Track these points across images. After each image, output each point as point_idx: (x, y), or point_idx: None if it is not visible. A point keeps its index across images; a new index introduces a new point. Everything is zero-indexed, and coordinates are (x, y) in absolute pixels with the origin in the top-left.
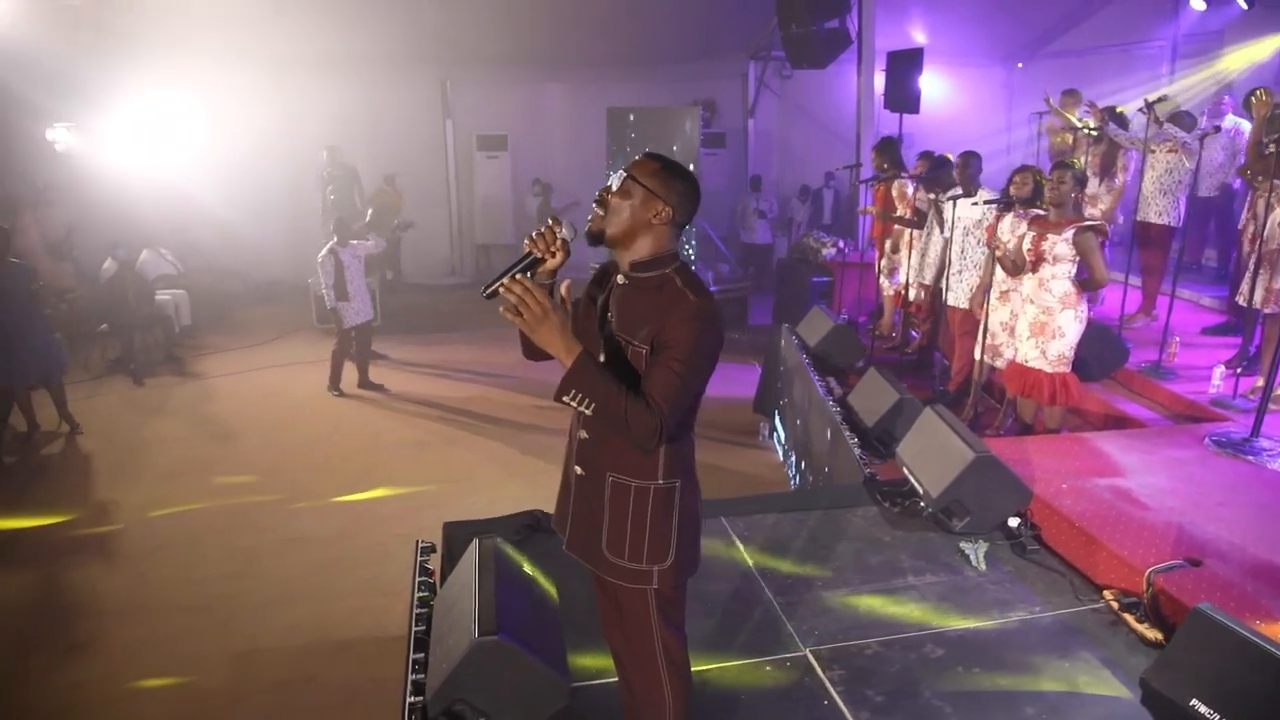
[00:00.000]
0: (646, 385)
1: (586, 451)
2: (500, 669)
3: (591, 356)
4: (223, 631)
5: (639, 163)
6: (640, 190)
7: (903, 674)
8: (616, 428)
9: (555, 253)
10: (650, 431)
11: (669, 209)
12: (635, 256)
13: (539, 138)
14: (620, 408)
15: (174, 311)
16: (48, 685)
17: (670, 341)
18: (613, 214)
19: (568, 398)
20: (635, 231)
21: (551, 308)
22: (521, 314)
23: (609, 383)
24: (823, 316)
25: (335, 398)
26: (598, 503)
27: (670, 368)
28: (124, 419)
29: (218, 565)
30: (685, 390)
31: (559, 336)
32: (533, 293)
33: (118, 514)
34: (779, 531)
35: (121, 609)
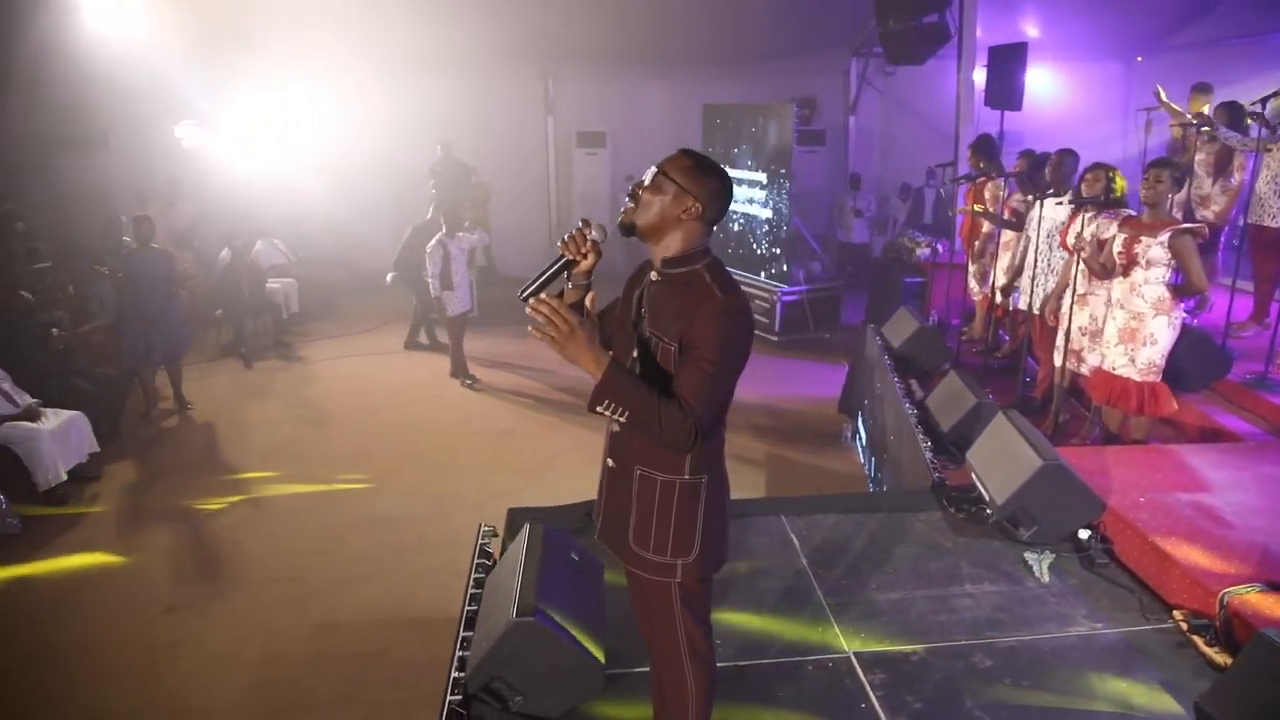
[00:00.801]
0: (677, 386)
1: (617, 444)
2: (536, 650)
3: (620, 366)
4: (306, 603)
5: (671, 158)
6: (672, 186)
7: (946, 683)
8: (650, 433)
9: (587, 254)
10: (684, 434)
11: (699, 205)
12: (666, 253)
13: (637, 135)
14: (653, 414)
15: (283, 299)
16: (146, 644)
17: (698, 340)
18: (643, 208)
19: (601, 407)
20: (665, 226)
21: (577, 324)
22: (549, 332)
23: (640, 390)
24: (908, 317)
25: (465, 387)
26: (626, 495)
27: (700, 368)
28: (232, 400)
29: (307, 541)
30: (716, 389)
31: (587, 350)
32: (559, 311)
33: (219, 489)
34: (838, 532)
35: (217, 577)
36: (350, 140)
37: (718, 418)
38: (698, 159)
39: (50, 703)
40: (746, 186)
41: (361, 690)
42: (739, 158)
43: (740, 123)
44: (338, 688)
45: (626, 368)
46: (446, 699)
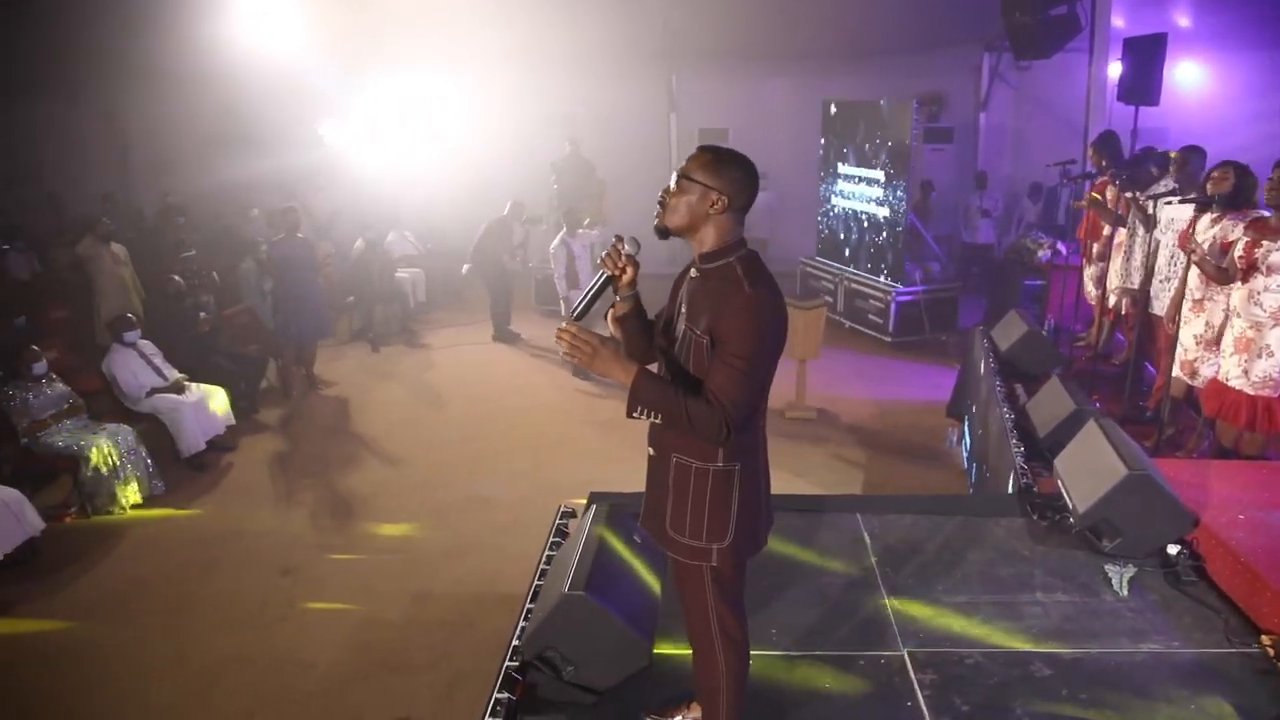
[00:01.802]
0: (708, 382)
1: (656, 433)
2: (585, 624)
3: (648, 373)
4: (406, 573)
5: (691, 158)
6: (695, 186)
7: (999, 688)
8: (683, 430)
9: (626, 269)
10: (715, 428)
11: (724, 198)
12: (703, 248)
13: (759, 131)
14: (682, 412)
15: (411, 288)
16: (263, 600)
17: (726, 334)
18: (671, 211)
19: (636, 414)
20: (696, 224)
21: (599, 343)
22: (575, 357)
23: (667, 392)
24: (1018, 320)
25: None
26: (664, 481)
27: (729, 363)
28: (358, 381)
29: (413, 514)
30: (745, 384)
31: (614, 364)
32: (579, 336)
33: (340, 464)
34: (912, 533)
35: (329, 545)
36: (479, 136)
37: (750, 409)
38: (717, 153)
39: (183, 649)
40: (865, 184)
41: (448, 657)
42: (856, 155)
43: (859, 119)
44: (427, 653)
45: (654, 374)
46: (504, 664)
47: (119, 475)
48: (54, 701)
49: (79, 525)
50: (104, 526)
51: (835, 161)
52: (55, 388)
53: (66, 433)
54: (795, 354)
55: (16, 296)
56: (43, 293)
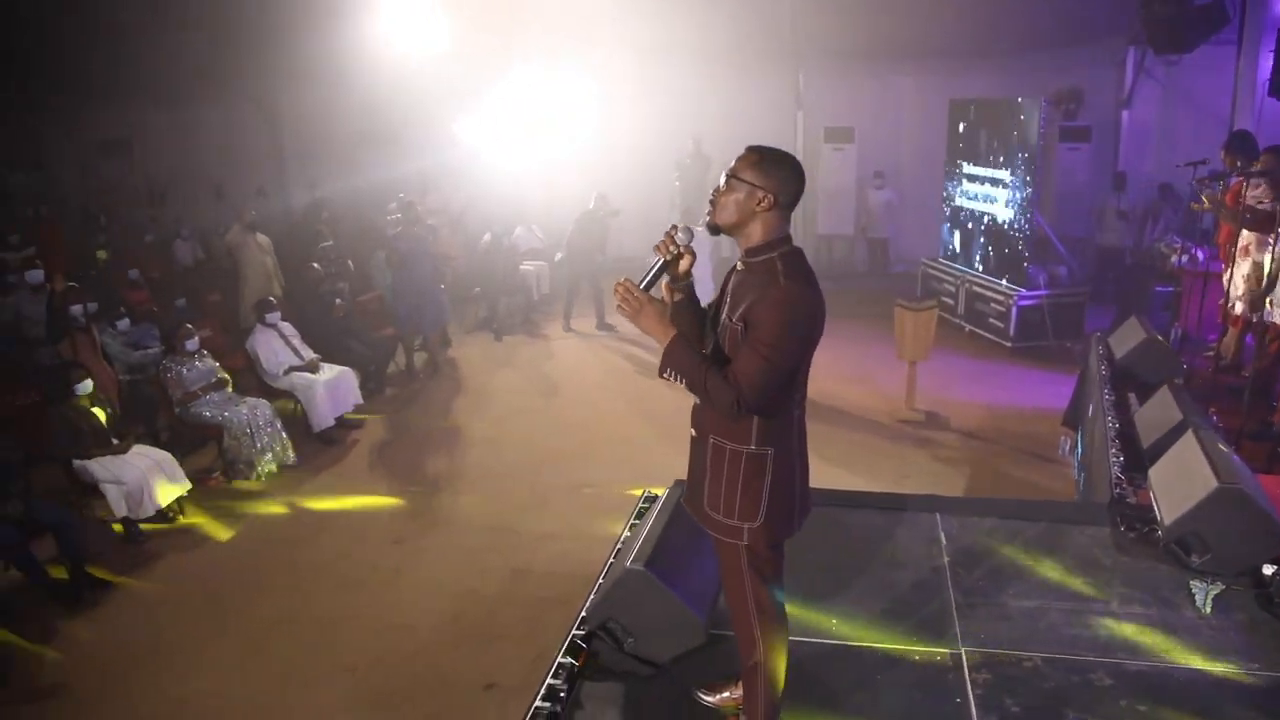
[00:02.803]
0: (733, 363)
1: (697, 416)
2: (644, 598)
3: (683, 339)
4: (508, 550)
5: (740, 158)
6: (743, 185)
7: (1054, 692)
8: (703, 399)
9: (681, 254)
10: (728, 404)
11: (770, 195)
12: (749, 243)
13: (885, 130)
14: (703, 382)
15: (535, 281)
16: (373, 566)
17: (756, 323)
18: (720, 209)
19: (665, 374)
20: (743, 221)
21: (647, 301)
22: (624, 308)
23: (695, 361)
24: (1137, 327)
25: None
26: (703, 462)
27: (754, 349)
28: (479, 368)
29: (518, 497)
30: (767, 370)
31: (656, 324)
32: (632, 291)
33: (457, 445)
34: (990, 536)
35: (439, 520)
36: (605, 133)
37: (767, 395)
38: (763, 153)
39: (299, 605)
40: (989, 184)
41: (540, 631)
42: (982, 154)
43: (985, 117)
44: (519, 626)
45: (688, 341)
46: (571, 632)
47: (257, 445)
48: (184, 645)
49: (221, 488)
50: (242, 490)
51: (960, 160)
52: (205, 363)
53: (213, 404)
54: (905, 355)
55: (180, 280)
56: (203, 278)
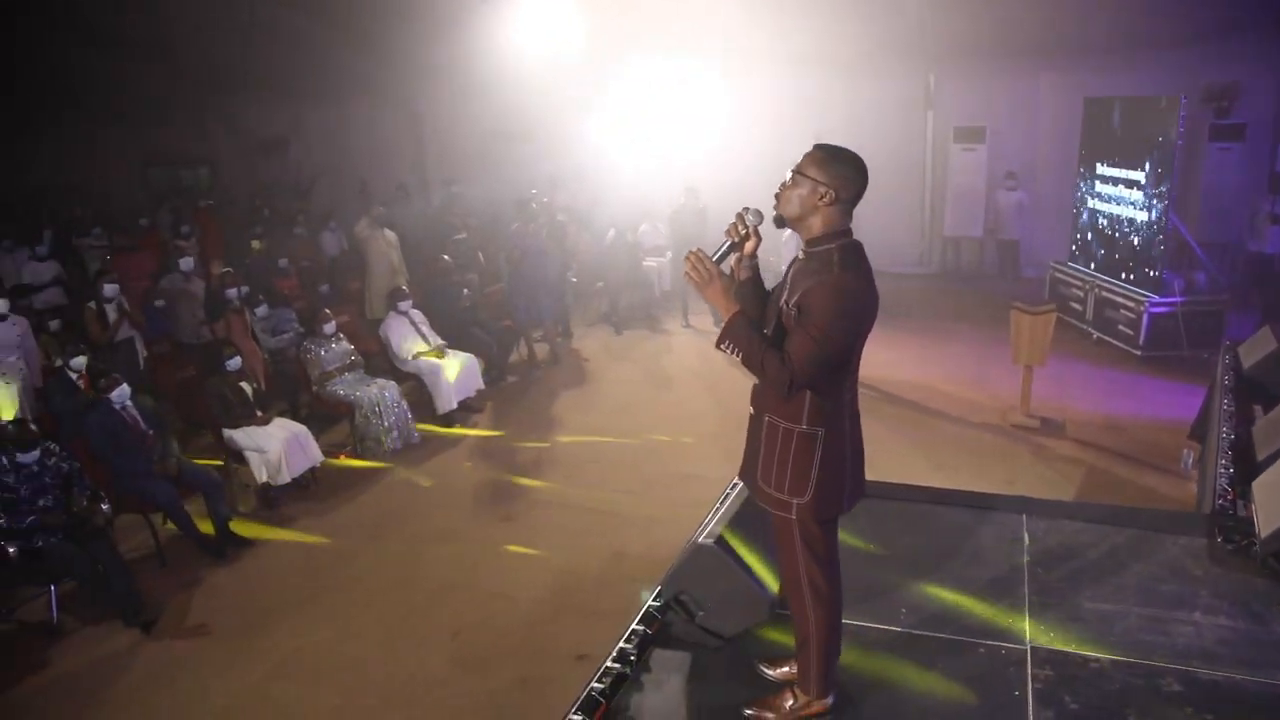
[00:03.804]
0: (786, 344)
1: (756, 395)
2: (712, 572)
3: (745, 316)
4: (610, 532)
5: (806, 154)
6: (806, 180)
7: (1116, 694)
8: (756, 374)
9: (749, 237)
10: (782, 382)
11: (832, 191)
12: (809, 234)
13: (1019, 130)
14: (759, 358)
15: (657, 277)
16: (484, 539)
17: (809, 307)
18: (785, 202)
19: (723, 346)
20: (805, 214)
21: (717, 273)
22: (694, 276)
23: (754, 338)
24: (1269, 337)
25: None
26: (758, 438)
27: (807, 331)
28: (598, 360)
29: (624, 483)
30: (818, 352)
31: (721, 297)
32: (703, 261)
33: (572, 431)
34: (1077, 539)
35: (548, 500)
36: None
37: (830, 379)
38: (828, 150)
39: (413, 572)
40: (1123, 186)
41: (634, 609)
42: (1118, 154)
43: (1121, 115)
44: (614, 603)
45: (749, 319)
46: (648, 602)
47: (384, 423)
48: (308, 599)
49: (350, 462)
50: (368, 465)
51: (1094, 161)
52: (341, 345)
53: (346, 384)
54: (1020, 359)
55: (325, 269)
56: (346, 267)
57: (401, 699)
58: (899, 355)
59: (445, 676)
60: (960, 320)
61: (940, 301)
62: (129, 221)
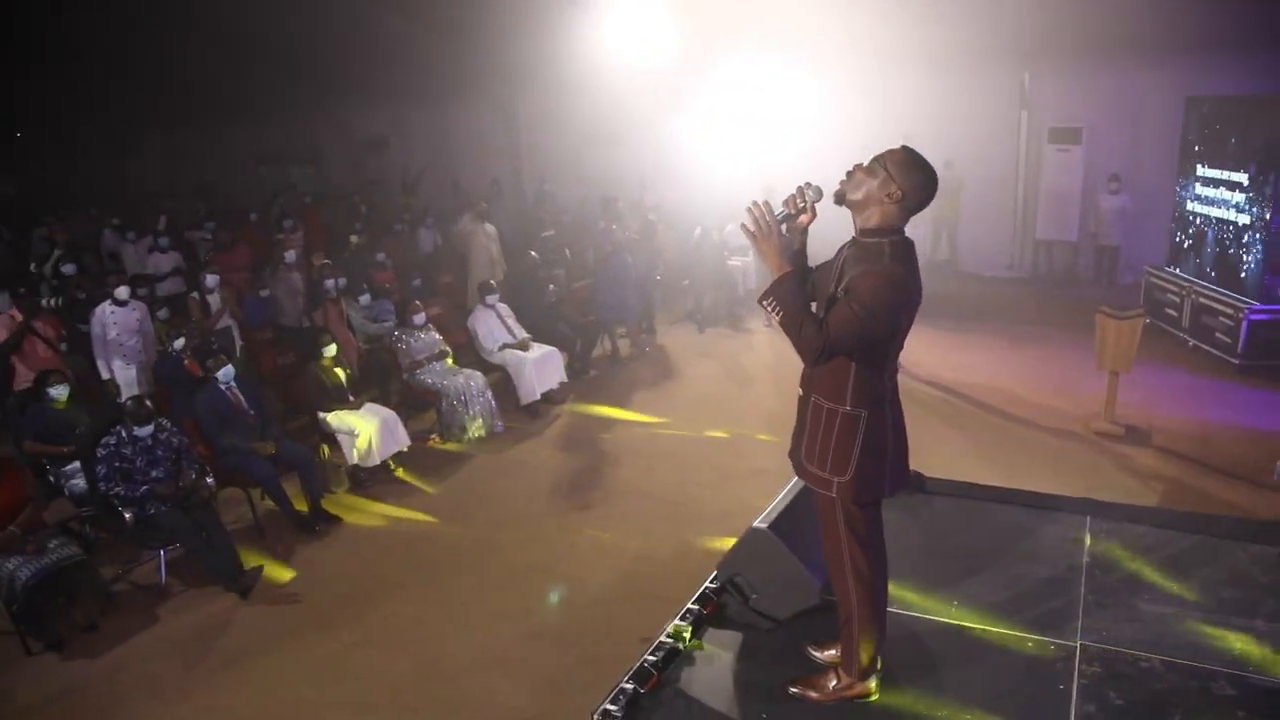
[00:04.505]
0: (827, 314)
1: (805, 377)
2: (765, 556)
3: (796, 276)
4: (682, 523)
5: (890, 150)
6: (883, 172)
7: (1164, 694)
8: (792, 335)
9: (805, 211)
10: (815, 347)
11: (901, 192)
12: (865, 224)
13: (1117, 130)
14: (798, 320)
15: (741, 276)
16: (561, 525)
17: (855, 288)
18: (855, 184)
19: (765, 302)
20: (868, 203)
21: (777, 230)
22: (753, 227)
23: (799, 300)
24: None
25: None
26: (804, 418)
27: (849, 306)
28: (681, 357)
29: (700, 476)
30: (856, 327)
31: (776, 254)
32: (766, 216)
33: (650, 423)
34: (1140, 543)
35: (624, 490)
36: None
37: (871, 364)
38: (912, 156)
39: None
40: (1225, 188)
41: None
42: (1220, 155)
43: (1226, 115)
44: (684, 589)
45: (800, 281)
46: (705, 585)
47: (469, 412)
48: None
49: (435, 448)
50: (453, 451)
51: (1195, 162)
52: (430, 336)
53: (434, 373)
54: (1105, 365)
55: (420, 264)
56: (439, 262)
57: (474, 670)
58: (979, 359)
59: (516, 651)
60: (1047, 325)
61: (1028, 306)
62: (240, 216)
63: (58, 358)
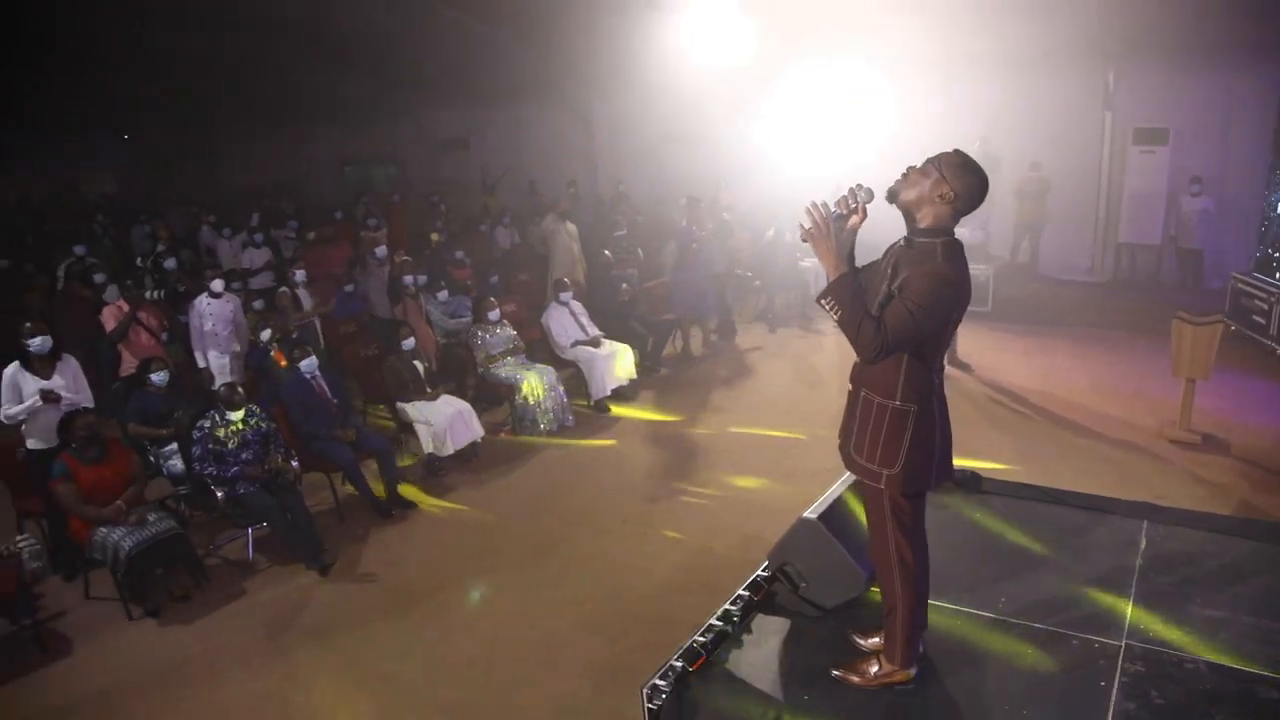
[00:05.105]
0: (882, 312)
1: (856, 373)
2: (814, 546)
3: (854, 276)
4: (745, 518)
5: (945, 154)
6: (936, 174)
7: (1206, 695)
8: (850, 333)
9: (856, 212)
10: (872, 345)
11: (953, 193)
12: (918, 225)
13: (1205, 131)
14: (857, 319)
15: (813, 277)
16: (625, 516)
17: (908, 287)
18: (909, 185)
19: (823, 301)
20: (921, 203)
21: (834, 232)
22: (811, 229)
23: (857, 300)
24: None
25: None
26: (854, 412)
27: (904, 304)
28: (750, 356)
29: (765, 473)
30: (912, 325)
31: (833, 254)
32: (825, 218)
33: (717, 421)
34: (1196, 548)
35: (690, 485)
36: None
37: (923, 360)
38: (964, 159)
39: (556, 542)
40: None
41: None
42: None
43: None
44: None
45: (856, 280)
46: (757, 572)
47: (541, 406)
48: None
49: (508, 440)
50: (525, 444)
51: None
52: (505, 331)
53: (509, 367)
54: (1181, 371)
55: (497, 262)
56: (516, 260)
57: (535, 651)
58: (1054, 362)
59: (575, 636)
60: (1126, 331)
61: (1108, 311)
62: (325, 215)
63: (159, 346)
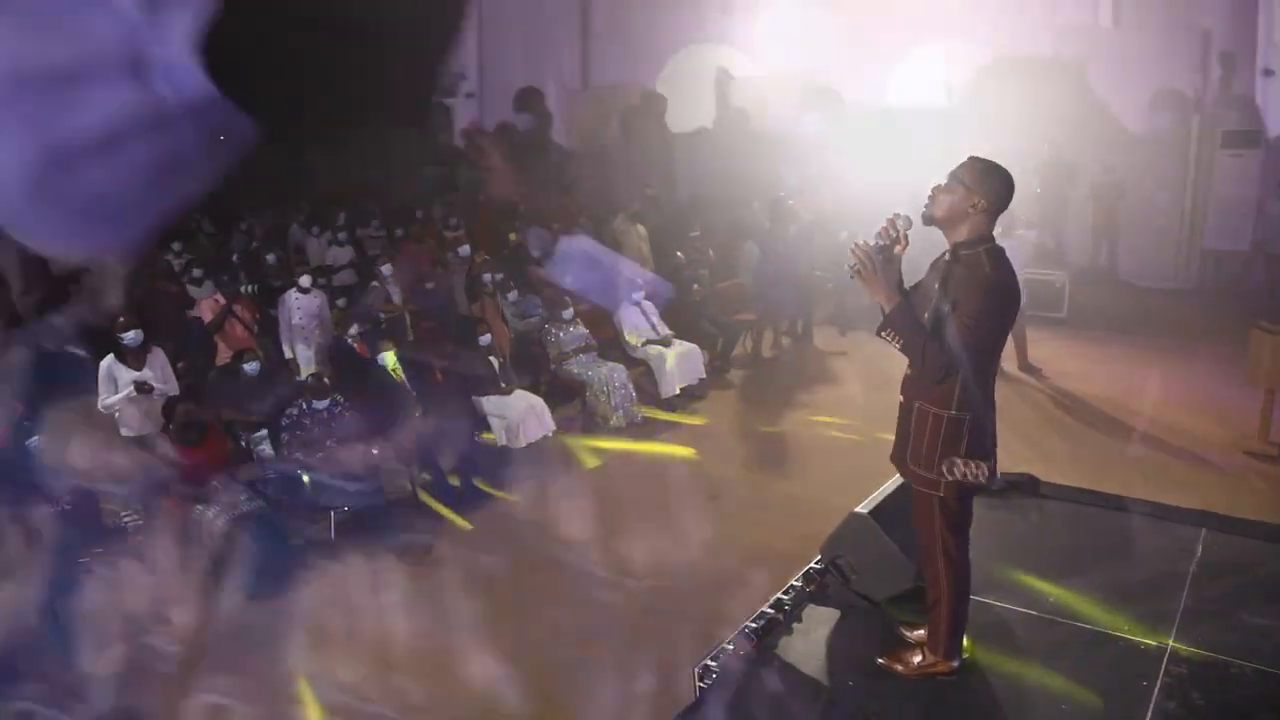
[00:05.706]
0: (942, 333)
1: (907, 385)
2: (865, 540)
3: (908, 304)
4: (804, 517)
5: (963, 164)
6: (960, 187)
7: (1250, 699)
8: (915, 359)
9: (899, 241)
10: (938, 366)
11: (984, 200)
12: (957, 238)
13: None
14: (920, 344)
15: None
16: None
17: (963, 301)
18: (937, 204)
19: (884, 333)
20: (955, 218)
21: (880, 266)
22: (859, 269)
23: (916, 326)
24: None
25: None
26: (908, 423)
27: (961, 320)
28: (820, 358)
29: (827, 474)
30: (972, 341)
31: (883, 289)
32: (870, 255)
33: (784, 421)
34: (1253, 557)
35: (753, 483)
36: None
37: (978, 369)
38: (984, 164)
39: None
40: None
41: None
42: None
43: None
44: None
45: (911, 307)
46: (811, 564)
47: (611, 403)
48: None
49: (578, 435)
50: (594, 439)
51: None
52: (578, 330)
53: (580, 365)
54: (1259, 382)
55: None
56: None
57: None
58: (1127, 370)
59: (633, 623)
60: (1206, 340)
61: (1188, 319)
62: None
63: (252, 338)
